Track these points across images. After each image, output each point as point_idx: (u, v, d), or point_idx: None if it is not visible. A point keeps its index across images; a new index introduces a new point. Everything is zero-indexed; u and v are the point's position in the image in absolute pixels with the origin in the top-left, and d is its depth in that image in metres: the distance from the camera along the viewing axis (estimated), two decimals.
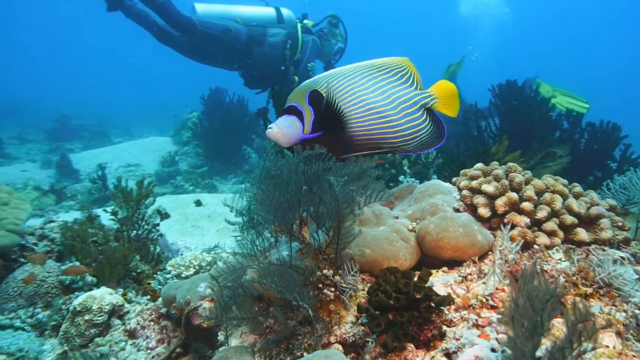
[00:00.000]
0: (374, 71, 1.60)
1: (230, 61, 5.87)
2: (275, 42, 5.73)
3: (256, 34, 5.66)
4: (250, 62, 5.78)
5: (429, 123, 1.67)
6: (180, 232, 4.90)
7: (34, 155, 10.93)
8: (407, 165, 4.52)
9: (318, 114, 1.53)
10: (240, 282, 1.46)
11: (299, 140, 1.55)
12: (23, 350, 2.19)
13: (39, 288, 2.49)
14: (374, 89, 1.58)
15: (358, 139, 1.57)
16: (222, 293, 1.47)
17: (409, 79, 1.66)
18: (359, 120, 1.55)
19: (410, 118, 1.61)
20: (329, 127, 1.54)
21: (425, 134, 1.65)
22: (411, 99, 1.64)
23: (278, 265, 1.46)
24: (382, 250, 1.63)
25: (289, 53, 5.78)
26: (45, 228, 3.20)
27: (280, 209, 1.50)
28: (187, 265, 2.80)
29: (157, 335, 2.28)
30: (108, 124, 15.35)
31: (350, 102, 1.55)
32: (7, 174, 8.65)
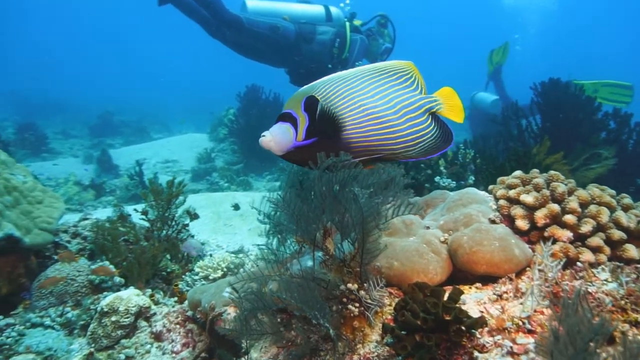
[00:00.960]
0: (375, 75, 1.52)
1: (277, 58, 5.88)
2: (324, 40, 5.70)
3: (305, 32, 5.65)
4: (298, 60, 5.77)
5: (434, 127, 1.57)
6: (213, 230, 4.92)
7: (76, 150, 11.23)
8: (444, 165, 4.38)
9: (313, 120, 1.46)
10: (261, 294, 1.40)
11: (292, 148, 1.48)
12: (52, 349, 2.21)
13: (68, 287, 2.51)
14: (374, 92, 1.50)
15: (355, 145, 1.49)
16: (243, 305, 1.41)
17: (413, 83, 1.57)
18: (356, 125, 1.47)
19: (414, 123, 1.52)
20: (323, 133, 1.47)
21: (430, 139, 1.56)
22: (415, 103, 1.55)
23: (299, 278, 1.39)
24: (412, 263, 1.54)
25: (337, 51, 5.74)
26: (78, 226, 3.24)
27: (302, 219, 1.43)
28: (215, 267, 2.78)
29: (182, 339, 2.26)
30: (149, 120, 15.66)
31: (346, 107, 1.47)
32: (51, 169, 8.93)
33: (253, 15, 5.55)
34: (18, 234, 2.48)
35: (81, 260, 2.80)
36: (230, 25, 5.39)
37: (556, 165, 4.00)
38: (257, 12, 5.60)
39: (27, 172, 2.89)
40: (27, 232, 2.57)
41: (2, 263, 2.46)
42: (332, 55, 5.76)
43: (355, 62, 5.88)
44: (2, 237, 2.39)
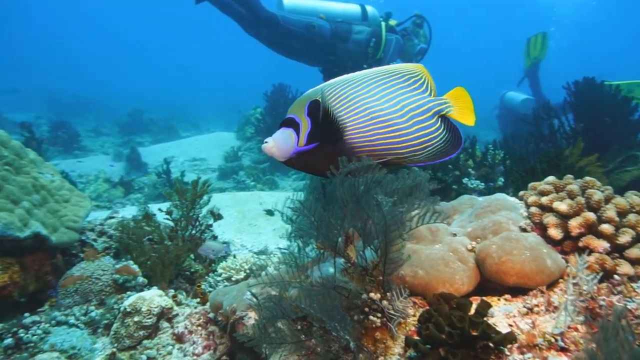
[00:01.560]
0: (383, 77, 1.47)
1: (312, 57, 5.88)
2: (360, 39, 5.67)
3: (341, 31, 5.62)
4: (333, 59, 5.75)
5: (443, 131, 1.50)
6: (238, 230, 4.92)
7: (107, 148, 11.44)
8: (472, 167, 4.28)
9: (315, 125, 1.42)
10: (280, 301, 1.36)
11: (294, 154, 1.42)
12: (76, 347, 2.22)
13: (93, 285, 2.53)
14: (381, 95, 1.45)
15: (358, 149, 1.43)
16: (262, 313, 1.38)
17: (422, 85, 1.51)
18: (359, 129, 1.42)
19: (422, 126, 1.46)
20: (325, 138, 1.42)
21: (439, 142, 1.49)
22: (423, 106, 1.49)
23: (320, 287, 1.35)
24: (437, 272, 1.48)
25: (372, 51, 5.70)
26: (105, 224, 3.27)
27: (323, 225, 1.39)
28: (238, 269, 2.76)
29: (203, 341, 2.24)
30: (177, 118, 15.86)
31: (350, 110, 1.42)
32: (82, 166, 9.11)
33: (289, 13, 5.54)
34: (45, 233, 2.51)
35: (106, 259, 2.82)
36: (266, 23, 5.41)
37: (590, 168, 3.85)
38: (293, 10, 5.59)
39: (54, 171, 2.92)
40: (54, 231, 2.60)
41: (30, 261, 2.50)
42: (367, 55, 5.72)
43: (389, 62, 5.82)
44: (30, 235, 2.42)
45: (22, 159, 2.71)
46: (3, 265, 2.32)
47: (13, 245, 2.38)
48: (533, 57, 9.05)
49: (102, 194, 7.21)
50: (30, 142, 7.35)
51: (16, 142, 2.76)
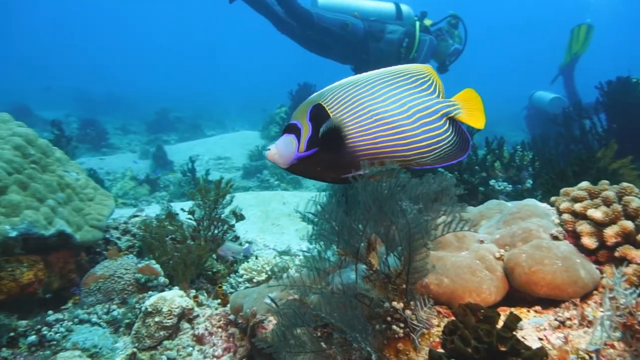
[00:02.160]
0: (390, 78, 1.42)
1: (344, 55, 5.84)
2: (392, 39, 5.60)
3: (374, 30, 5.57)
4: (365, 58, 5.70)
5: (452, 133, 1.45)
6: (261, 229, 4.91)
7: (134, 145, 11.62)
8: (500, 168, 4.18)
9: (316, 130, 1.37)
10: (300, 309, 1.33)
11: (295, 160, 1.39)
12: (97, 346, 2.23)
13: (115, 284, 2.54)
14: (386, 97, 1.40)
15: (361, 153, 1.39)
16: (281, 321, 1.35)
17: (430, 86, 1.46)
18: (362, 133, 1.37)
19: (429, 128, 1.41)
20: (325, 143, 1.38)
21: (447, 145, 1.43)
22: (431, 107, 1.43)
23: (341, 294, 1.31)
24: (463, 280, 1.42)
25: (405, 51, 5.62)
26: (129, 223, 3.29)
27: (345, 230, 1.35)
28: (259, 270, 2.74)
29: (223, 344, 2.22)
30: (203, 117, 16.02)
31: (353, 113, 1.38)
32: (110, 164, 9.26)
33: (323, 10, 5.51)
34: (69, 231, 2.53)
35: (129, 258, 2.83)
36: (300, 19, 5.40)
37: (623, 170, 3.72)
38: (327, 8, 5.56)
39: (80, 170, 2.95)
40: (78, 229, 2.62)
41: (54, 258, 2.52)
42: (400, 55, 5.64)
43: (422, 63, 5.74)
44: (54, 233, 2.44)
45: (48, 157, 2.73)
46: (28, 263, 2.34)
47: (38, 243, 2.41)
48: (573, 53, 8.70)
49: (128, 192, 7.31)
50: (59, 140, 7.48)
51: (43, 141, 2.79)
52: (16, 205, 2.34)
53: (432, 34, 5.89)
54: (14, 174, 2.45)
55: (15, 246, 2.31)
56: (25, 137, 2.65)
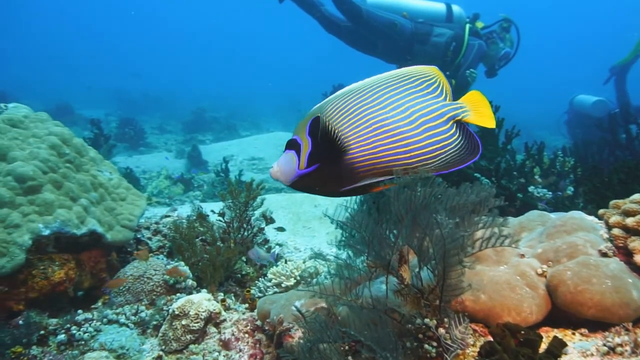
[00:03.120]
0: (392, 83, 1.36)
1: (389, 54, 5.76)
2: (439, 42, 5.47)
3: (421, 32, 5.46)
4: (410, 59, 5.60)
5: (459, 137, 1.36)
6: (292, 231, 4.87)
7: (170, 145, 11.79)
8: (539, 174, 4.01)
9: (315, 145, 1.32)
10: (327, 325, 1.26)
11: (296, 177, 1.34)
12: (124, 347, 2.22)
13: (145, 285, 2.54)
14: (387, 103, 1.33)
15: (361, 165, 1.32)
16: (308, 336, 1.29)
17: (437, 88, 1.38)
18: (362, 144, 1.31)
19: (433, 132, 1.33)
20: (325, 158, 1.33)
21: (453, 150, 1.35)
22: (436, 111, 1.35)
23: (370, 309, 1.24)
24: (502, 297, 1.33)
25: (451, 55, 5.48)
26: (160, 223, 3.30)
27: (375, 241, 1.28)
28: (288, 275, 2.69)
29: (250, 350, 2.18)
30: (238, 117, 16.16)
31: (352, 124, 1.32)
32: (147, 162, 9.43)
33: (373, 8, 5.45)
34: (101, 230, 2.54)
35: (158, 259, 2.83)
36: (350, 14, 5.37)
37: None
38: (377, 6, 5.50)
39: (113, 169, 2.97)
40: (110, 229, 2.63)
41: (86, 257, 2.54)
42: (445, 59, 5.50)
43: (468, 68, 5.59)
44: (86, 232, 2.46)
45: (82, 156, 2.76)
46: (60, 262, 2.36)
47: (70, 241, 2.43)
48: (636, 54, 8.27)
49: (163, 190, 7.40)
50: (98, 138, 7.65)
51: (78, 140, 2.82)
52: (50, 204, 2.36)
53: (483, 38, 5.71)
54: (49, 172, 2.47)
55: (47, 244, 2.33)
56: (61, 137, 2.68)
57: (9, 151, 2.43)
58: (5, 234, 2.18)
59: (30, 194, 2.34)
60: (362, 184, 1.31)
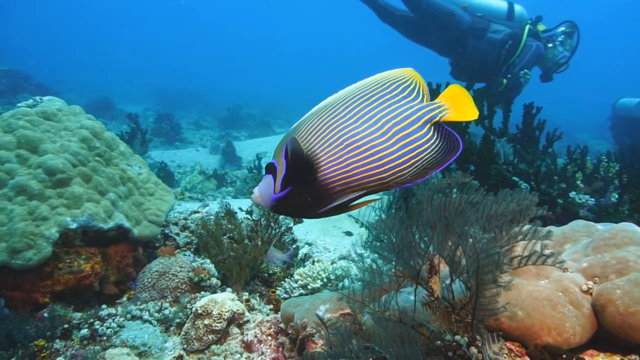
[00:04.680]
0: (365, 92, 1.29)
1: (442, 45, 5.66)
2: (495, 39, 5.33)
3: (478, 26, 5.33)
4: (461, 52, 5.48)
5: (435, 140, 1.28)
6: (322, 231, 4.80)
7: (205, 140, 11.91)
8: (581, 179, 3.82)
9: (288, 167, 1.27)
10: (349, 340, 1.18)
11: (273, 202, 1.30)
12: (147, 345, 2.20)
13: (170, 281, 2.51)
14: (359, 117, 1.26)
15: (334, 185, 1.26)
16: (328, 350, 1.21)
17: (412, 91, 1.30)
18: (333, 162, 1.25)
19: (407, 141, 1.25)
20: (297, 180, 1.27)
21: (429, 154, 1.27)
22: (411, 117, 1.27)
23: (397, 323, 1.15)
24: (541, 315, 1.22)
25: (505, 53, 5.33)
26: (188, 219, 3.28)
27: (405, 249, 1.19)
28: (315, 277, 2.62)
29: (272, 353, 2.12)
30: (273, 114, 16.21)
31: (323, 143, 1.26)
32: (182, 157, 9.54)
33: None
34: (128, 225, 2.53)
35: (185, 255, 2.80)
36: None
37: None
38: None
39: (143, 164, 2.96)
40: (137, 224, 2.61)
41: (112, 252, 2.53)
42: (499, 57, 5.34)
43: (522, 69, 5.41)
44: (113, 227, 2.45)
45: (112, 150, 2.76)
46: (86, 255, 2.35)
47: (97, 235, 2.42)
48: None
49: (196, 185, 7.45)
50: (135, 132, 7.77)
51: (109, 134, 2.82)
52: (78, 197, 2.36)
53: (542, 41, 5.51)
54: (78, 166, 2.47)
55: (74, 238, 2.33)
56: (92, 130, 2.68)
57: (40, 144, 2.44)
58: (34, 226, 2.19)
59: (59, 187, 2.35)
60: (337, 203, 1.26)
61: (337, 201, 1.25)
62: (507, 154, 3.59)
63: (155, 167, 7.44)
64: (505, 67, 5.40)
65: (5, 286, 2.19)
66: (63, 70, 22.80)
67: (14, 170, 2.31)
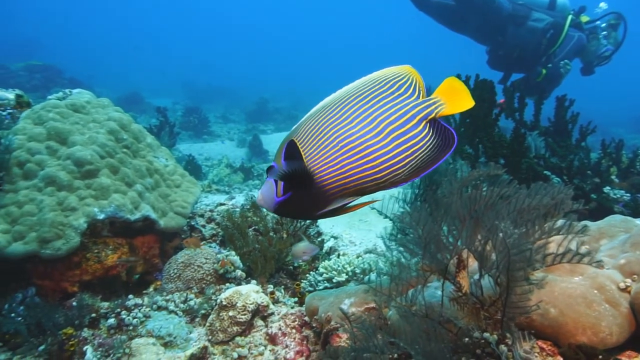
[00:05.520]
0: (361, 92, 1.27)
1: (481, 33, 5.55)
2: (536, 27, 5.20)
3: (519, 14, 5.21)
4: (501, 40, 5.36)
5: (430, 137, 1.25)
6: (348, 224, 4.77)
7: (232, 134, 11.99)
8: (616, 174, 3.68)
9: (288, 171, 1.26)
10: (374, 334, 1.15)
11: (276, 206, 1.30)
12: (172, 335, 2.21)
13: (195, 273, 2.52)
14: (354, 117, 1.24)
15: (330, 188, 1.24)
16: (352, 345, 1.18)
17: (409, 88, 1.27)
18: (329, 165, 1.23)
19: (402, 140, 1.23)
20: (296, 184, 1.26)
21: (424, 152, 1.24)
22: (406, 115, 1.25)
23: (423, 318, 1.11)
24: (576, 313, 1.17)
25: (546, 43, 5.19)
26: (214, 211, 3.30)
27: (433, 243, 1.15)
28: (340, 270, 2.60)
29: (296, 346, 2.11)
30: (300, 108, 16.21)
31: (319, 145, 1.25)
32: (209, 150, 9.63)
33: None
34: (154, 216, 2.55)
35: (210, 247, 2.81)
36: None
37: None
38: None
39: (169, 156, 2.98)
40: (163, 215, 2.63)
41: (139, 243, 2.55)
42: (539, 46, 5.20)
43: (562, 59, 5.26)
44: (140, 218, 2.47)
45: (139, 142, 2.78)
46: (114, 246, 2.38)
47: (124, 226, 2.45)
48: None
49: (223, 178, 7.51)
50: (163, 126, 7.88)
51: (136, 126, 2.84)
52: (106, 188, 2.39)
53: (585, 32, 5.33)
54: (106, 157, 2.50)
55: (102, 228, 2.36)
56: (120, 122, 2.71)
57: (69, 135, 2.48)
58: (62, 216, 2.22)
59: (87, 178, 2.38)
60: (334, 206, 1.25)
61: (334, 203, 1.25)
62: (539, 147, 3.49)
63: (183, 160, 7.52)
64: (545, 57, 5.24)
65: (36, 275, 2.23)
66: (95, 65, 23.27)
67: (44, 162, 2.35)
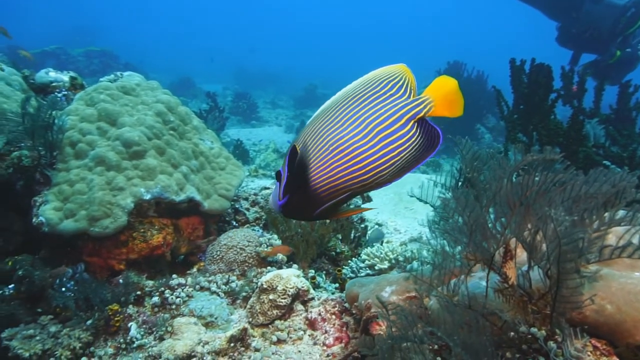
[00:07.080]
0: (356, 94, 1.27)
1: (555, 8, 5.28)
2: (616, 3, 4.87)
3: None
4: (575, 17, 5.07)
5: (417, 137, 1.24)
6: (393, 212, 4.70)
7: (280, 120, 12.07)
8: None
9: (289, 176, 1.29)
10: (414, 323, 1.10)
11: (279, 209, 1.34)
12: (213, 315, 2.24)
13: (237, 255, 2.54)
14: (346, 119, 1.24)
15: (322, 190, 1.26)
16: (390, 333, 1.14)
17: (401, 87, 1.26)
18: (322, 168, 1.24)
19: (389, 141, 1.23)
20: (293, 187, 1.29)
21: (409, 152, 1.24)
22: (394, 115, 1.23)
23: (465, 309, 1.05)
24: (635, 311, 1.07)
25: (624, 22, 4.84)
26: (259, 195, 3.30)
27: (478, 230, 1.08)
28: (382, 258, 2.55)
29: (336, 332, 2.08)
30: None
31: (315, 149, 1.25)
32: (257, 135, 9.72)
33: None
34: (199, 198, 2.57)
35: (253, 230, 2.82)
36: None
37: None
38: None
39: (215, 139, 3.00)
40: (207, 197, 2.66)
41: (184, 224, 2.59)
42: (616, 25, 4.85)
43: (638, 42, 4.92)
44: (184, 199, 2.50)
45: (186, 124, 2.81)
46: (159, 226, 2.42)
47: (169, 207, 2.49)
48: None
49: (270, 163, 7.57)
50: (212, 110, 8.00)
51: (183, 108, 2.87)
52: (152, 169, 2.43)
53: None
54: (153, 139, 2.54)
55: (148, 209, 2.40)
56: (167, 104, 2.74)
57: (119, 117, 2.53)
58: (111, 195, 2.28)
59: (135, 159, 2.42)
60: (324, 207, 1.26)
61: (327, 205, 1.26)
62: (598, 136, 3.29)
63: (231, 145, 7.62)
64: (621, 37, 4.87)
65: (85, 252, 2.31)
66: (150, 52, 23.97)
67: (95, 142, 2.42)
